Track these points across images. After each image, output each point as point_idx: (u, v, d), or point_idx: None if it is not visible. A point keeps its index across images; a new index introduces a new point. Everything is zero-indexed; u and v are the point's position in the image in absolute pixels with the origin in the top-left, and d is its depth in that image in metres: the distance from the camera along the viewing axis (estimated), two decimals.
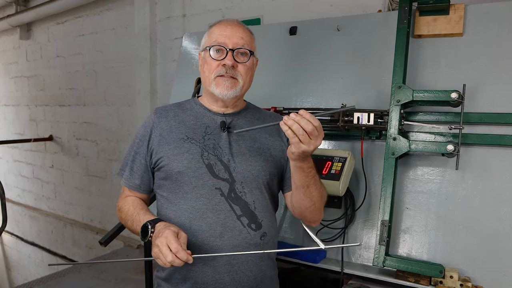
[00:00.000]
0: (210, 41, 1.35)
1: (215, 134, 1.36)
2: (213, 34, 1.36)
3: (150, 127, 1.39)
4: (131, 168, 1.41)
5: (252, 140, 1.39)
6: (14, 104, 5.65)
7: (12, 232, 5.76)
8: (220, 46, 1.32)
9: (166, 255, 1.10)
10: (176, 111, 1.42)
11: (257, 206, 1.33)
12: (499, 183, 1.55)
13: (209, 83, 1.35)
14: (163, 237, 1.12)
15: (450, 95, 1.50)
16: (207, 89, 1.38)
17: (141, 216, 1.30)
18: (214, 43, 1.33)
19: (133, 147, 1.42)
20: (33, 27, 5.09)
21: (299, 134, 1.12)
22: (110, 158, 4.27)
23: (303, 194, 1.32)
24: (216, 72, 1.33)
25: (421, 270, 1.52)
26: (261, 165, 1.36)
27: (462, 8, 1.67)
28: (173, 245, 1.10)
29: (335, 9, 2.53)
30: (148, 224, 1.21)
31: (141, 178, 1.40)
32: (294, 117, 1.13)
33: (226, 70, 1.32)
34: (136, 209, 1.35)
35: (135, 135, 1.44)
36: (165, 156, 1.33)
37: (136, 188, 1.41)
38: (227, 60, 1.31)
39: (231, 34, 1.33)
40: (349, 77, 1.92)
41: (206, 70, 1.36)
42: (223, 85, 1.33)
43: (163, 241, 1.11)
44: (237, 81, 1.34)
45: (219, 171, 1.31)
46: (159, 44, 3.59)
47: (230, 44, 1.32)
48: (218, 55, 1.33)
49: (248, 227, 1.31)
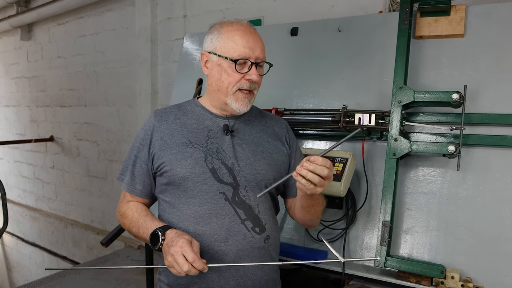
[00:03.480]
0: (231, 50, 1.27)
1: (218, 137, 1.34)
2: (234, 42, 1.27)
3: (151, 131, 1.35)
4: (132, 173, 1.38)
5: (255, 144, 1.38)
6: (15, 104, 5.66)
7: (12, 232, 5.76)
8: (245, 59, 1.27)
9: (182, 265, 1.09)
10: (177, 114, 1.38)
11: (260, 209, 1.33)
12: (500, 184, 1.55)
13: (226, 94, 1.30)
14: (178, 247, 1.11)
15: (451, 96, 1.50)
16: (221, 98, 1.32)
17: (148, 222, 1.28)
18: (239, 57, 1.26)
19: (133, 151, 1.39)
20: (34, 28, 5.09)
21: (315, 181, 1.11)
22: (110, 159, 4.28)
23: (307, 212, 1.36)
24: (238, 85, 1.29)
25: (423, 271, 1.52)
26: (265, 169, 1.35)
27: (463, 9, 1.67)
28: (190, 255, 1.09)
29: (336, 10, 2.53)
30: (159, 232, 1.19)
31: (143, 183, 1.38)
32: (308, 166, 1.10)
33: (250, 84, 1.29)
34: (141, 216, 1.33)
35: (135, 138, 1.40)
36: (168, 162, 1.30)
37: (138, 193, 1.39)
38: (255, 76, 1.28)
39: (254, 46, 1.28)
40: (350, 78, 1.92)
41: (225, 80, 1.29)
42: (242, 101, 1.30)
43: (178, 251, 1.10)
44: (253, 94, 1.33)
45: (223, 175, 1.30)
46: (160, 45, 3.60)
47: (253, 57, 1.28)
48: (240, 67, 1.28)
49: (252, 230, 1.30)
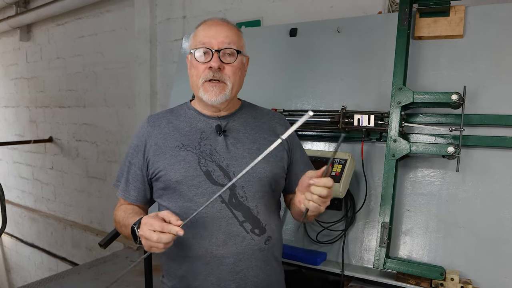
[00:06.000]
0: (195, 43, 1.30)
1: (211, 139, 1.31)
2: (197, 35, 1.30)
3: (145, 137, 1.34)
4: (127, 179, 1.36)
5: (250, 142, 1.34)
6: (14, 105, 5.65)
7: (11, 233, 5.75)
8: (205, 47, 1.25)
9: (151, 237, 1.06)
10: (169, 118, 1.37)
11: (260, 210, 1.29)
12: (499, 185, 1.55)
13: (197, 88, 1.29)
14: (143, 225, 1.11)
15: (451, 97, 1.50)
16: (197, 95, 1.32)
17: (130, 219, 1.25)
18: (199, 45, 1.27)
19: (128, 158, 1.37)
20: (33, 29, 5.08)
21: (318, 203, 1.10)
22: (110, 160, 4.27)
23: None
24: (203, 77, 1.27)
25: (422, 272, 1.51)
26: (262, 166, 1.30)
27: (463, 9, 1.67)
28: (155, 224, 1.07)
29: (335, 11, 2.53)
30: (133, 226, 1.17)
31: (137, 189, 1.36)
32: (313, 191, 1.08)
33: (213, 73, 1.25)
34: (126, 214, 1.30)
35: (129, 145, 1.39)
36: (162, 166, 1.28)
37: (133, 199, 1.37)
38: (213, 62, 1.24)
39: (216, 34, 1.26)
40: (349, 78, 1.92)
41: (193, 74, 1.30)
42: (211, 91, 1.27)
43: (144, 228, 1.09)
44: (225, 84, 1.28)
45: (218, 177, 1.27)
46: (159, 46, 3.59)
47: (216, 45, 1.25)
48: (204, 57, 1.26)
49: (252, 232, 1.28)
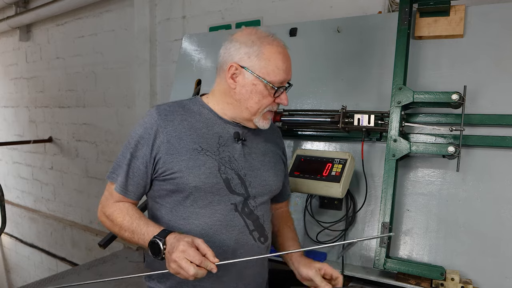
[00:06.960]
0: (272, 75, 1.21)
1: (229, 145, 1.27)
2: (277, 67, 1.22)
3: (154, 130, 1.21)
4: (127, 173, 1.24)
5: (262, 154, 1.35)
6: (13, 105, 5.64)
7: (11, 234, 5.75)
8: (282, 85, 1.25)
9: (188, 269, 1.02)
10: (183, 114, 1.26)
11: (265, 218, 1.33)
12: (500, 185, 1.54)
13: (255, 114, 1.26)
14: (179, 251, 1.03)
15: (451, 97, 1.50)
16: (243, 114, 1.26)
17: (143, 227, 1.17)
18: (280, 84, 1.23)
19: (129, 149, 1.24)
20: (33, 29, 5.08)
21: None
22: (109, 160, 4.26)
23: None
24: (270, 108, 1.27)
25: (422, 272, 1.51)
26: (273, 179, 1.35)
27: (463, 9, 1.67)
28: (196, 258, 1.03)
29: (335, 11, 2.53)
30: (158, 241, 1.09)
31: (137, 185, 1.25)
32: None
33: (278, 107, 1.29)
34: (134, 219, 1.21)
35: (130, 135, 1.26)
36: (178, 168, 1.20)
37: (131, 195, 1.26)
38: (285, 101, 1.26)
39: (289, 69, 1.26)
40: (349, 78, 1.92)
41: (258, 101, 1.23)
42: (268, 120, 1.29)
43: (180, 256, 1.03)
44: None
45: (236, 186, 1.25)
46: (159, 46, 3.59)
47: (287, 81, 1.27)
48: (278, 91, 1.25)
49: (258, 241, 1.29)
